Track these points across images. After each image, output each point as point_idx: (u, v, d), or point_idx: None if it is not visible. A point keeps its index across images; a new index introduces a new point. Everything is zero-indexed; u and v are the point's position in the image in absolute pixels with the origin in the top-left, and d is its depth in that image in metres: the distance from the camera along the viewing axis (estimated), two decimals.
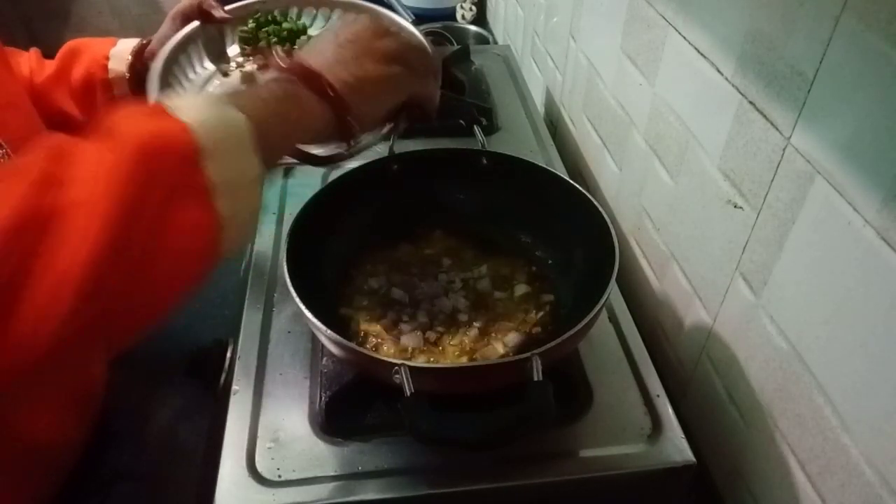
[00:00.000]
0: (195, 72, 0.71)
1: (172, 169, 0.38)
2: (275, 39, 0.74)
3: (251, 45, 0.75)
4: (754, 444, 0.63)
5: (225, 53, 0.76)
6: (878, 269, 0.45)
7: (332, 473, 0.57)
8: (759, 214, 0.58)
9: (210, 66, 0.73)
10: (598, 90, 0.95)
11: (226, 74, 0.74)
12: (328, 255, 0.72)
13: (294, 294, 0.57)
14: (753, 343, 0.61)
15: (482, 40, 1.62)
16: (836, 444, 0.51)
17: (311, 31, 0.78)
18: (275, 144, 0.44)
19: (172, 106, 0.40)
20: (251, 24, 0.75)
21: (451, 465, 0.58)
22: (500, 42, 1.58)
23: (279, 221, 0.83)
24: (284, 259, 0.61)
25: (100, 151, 0.37)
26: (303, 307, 0.56)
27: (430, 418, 0.49)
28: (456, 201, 0.80)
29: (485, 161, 0.77)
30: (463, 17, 1.73)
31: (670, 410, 0.63)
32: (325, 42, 0.53)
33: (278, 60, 0.50)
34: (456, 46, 1.30)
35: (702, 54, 0.65)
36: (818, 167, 0.50)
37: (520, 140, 1.01)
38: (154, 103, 0.41)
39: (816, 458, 0.54)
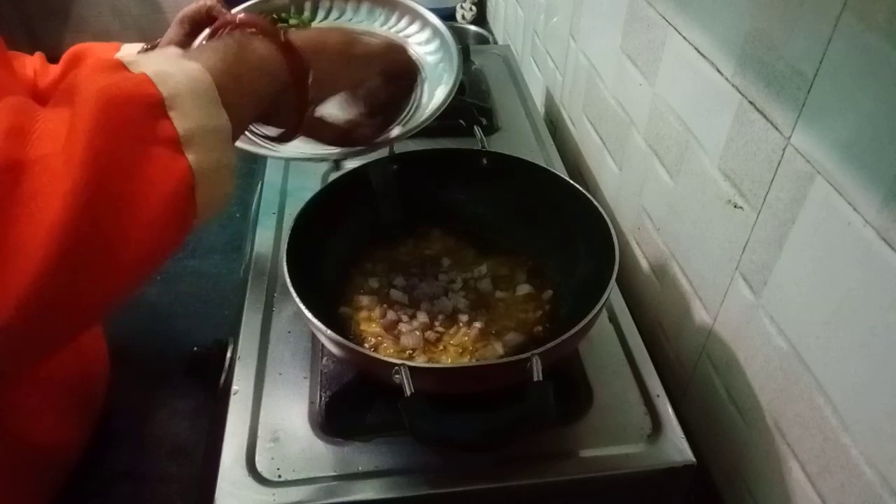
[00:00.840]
0: None
1: (138, 119, 0.38)
2: None
3: None
4: (754, 444, 0.63)
5: None
6: (878, 270, 0.45)
7: (332, 473, 0.57)
8: (759, 214, 0.58)
9: None
10: (598, 90, 0.95)
11: None
12: (328, 255, 0.72)
13: (294, 294, 0.57)
14: (753, 343, 0.61)
15: (482, 40, 1.63)
16: (836, 444, 0.51)
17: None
18: (235, 99, 0.43)
19: (129, 61, 0.40)
20: None
21: (451, 465, 0.58)
22: (500, 42, 1.58)
23: (279, 221, 0.83)
24: (284, 259, 0.61)
25: (64, 106, 0.37)
26: (303, 307, 0.56)
27: (430, 418, 0.49)
28: (456, 201, 0.79)
29: (485, 161, 0.77)
30: (463, 17, 1.73)
31: (670, 410, 0.63)
32: None
33: (238, 16, 0.51)
34: None
35: (702, 54, 0.65)
36: (818, 167, 0.50)
37: (520, 140, 1.01)
38: (110, 59, 0.41)
39: (816, 458, 0.54)
